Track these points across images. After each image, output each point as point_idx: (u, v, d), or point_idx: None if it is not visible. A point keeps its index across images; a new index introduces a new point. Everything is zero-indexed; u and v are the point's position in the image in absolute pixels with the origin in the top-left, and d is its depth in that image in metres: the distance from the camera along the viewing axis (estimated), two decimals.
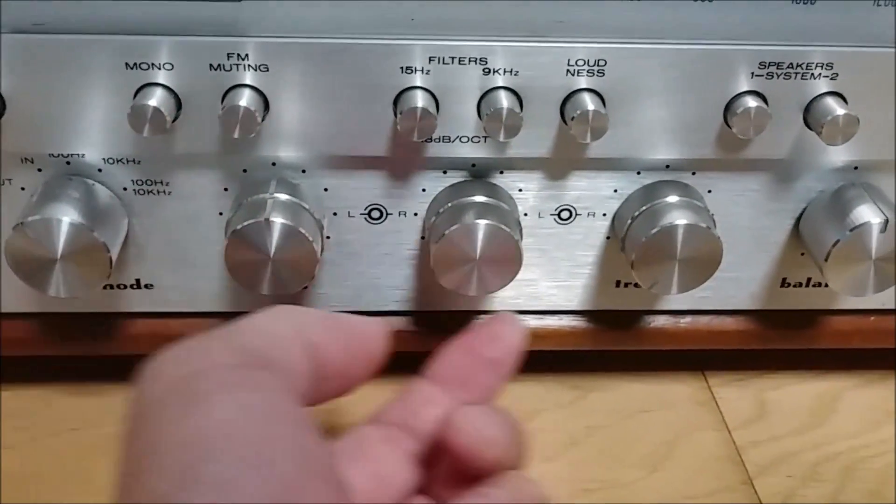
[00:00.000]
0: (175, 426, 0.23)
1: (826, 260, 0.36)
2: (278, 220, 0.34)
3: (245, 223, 0.34)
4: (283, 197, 0.35)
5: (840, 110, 0.34)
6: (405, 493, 0.32)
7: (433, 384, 0.33)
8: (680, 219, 0.35)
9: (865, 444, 0.41)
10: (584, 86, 0.34)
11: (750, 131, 0.34)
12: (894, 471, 0.40)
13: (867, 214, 0.36)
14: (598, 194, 0.38)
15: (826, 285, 0.37)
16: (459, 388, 0.33)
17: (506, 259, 0.34)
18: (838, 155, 0.37)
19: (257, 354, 0.27)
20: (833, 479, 0.39)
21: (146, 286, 0.39)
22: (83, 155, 0.35)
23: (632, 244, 0.36)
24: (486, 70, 0.33)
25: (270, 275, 0.35)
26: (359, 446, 0.32)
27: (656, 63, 0.34)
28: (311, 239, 0.34)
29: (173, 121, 0.33)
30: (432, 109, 0.33)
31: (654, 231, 0.35)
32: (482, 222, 0.34)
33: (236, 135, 0.33)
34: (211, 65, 0.33)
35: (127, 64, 0.32)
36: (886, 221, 0.35)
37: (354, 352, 0.30)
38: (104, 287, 0.38)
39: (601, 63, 0.34)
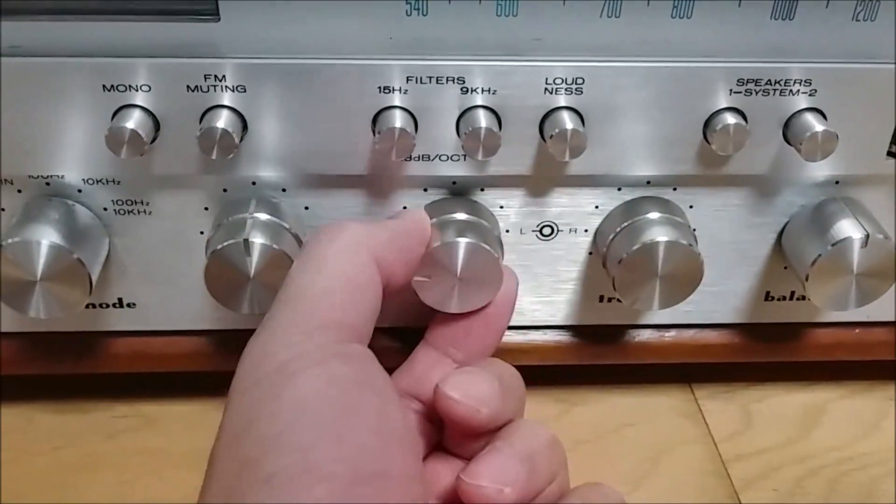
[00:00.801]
0: (268, 402, 0.25)
1: (807, 275, 0.36)
2: (258, 241, 0.34)
3: (224, 244, 0.33)
4: (263, 216, 0.35)
5: (819, 127, 0.33)
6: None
7: (433, 348, 0.35)
8: (661, 236, 0.35)
9: (850, 457, 0.41)
10: (562, 104, 0.34)
11: (729, 148, 0.34)
12: (878, 483, 0.40)
13: (848, 230, 0.35)
14: (580, 210, 0.37)
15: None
16: (457, 348, 0.34)
17: (486, 276, 0.34)
18: (819, 170, 0.36)
19: (342, 327, 0.29)
20: (818, 492, 0.39)
21: (129, 305, 0.38)
22: (63, 176, 0.35)
23: (613, 261, 0.36)
24: (465, 89, 0.33)
25: (251, 294, 0.35)
26: None
27: (634, 80, 0.34)
28: (290, 258, 0.34)
29: (152, 142, 0.33)
30: (410, 129, 0.33)
31: (634, 248, 0.35)
32: (462, 240, 0.34)
33: (214, 156, 0.32)
34: (188, 86, 0.33)
35: (104, 86, 0.32)
36: (867, 236, 0.35)
37: (411, 255, 0.33)
38: (86, 306, 0.38)
39: (579, 81, 0.33)
